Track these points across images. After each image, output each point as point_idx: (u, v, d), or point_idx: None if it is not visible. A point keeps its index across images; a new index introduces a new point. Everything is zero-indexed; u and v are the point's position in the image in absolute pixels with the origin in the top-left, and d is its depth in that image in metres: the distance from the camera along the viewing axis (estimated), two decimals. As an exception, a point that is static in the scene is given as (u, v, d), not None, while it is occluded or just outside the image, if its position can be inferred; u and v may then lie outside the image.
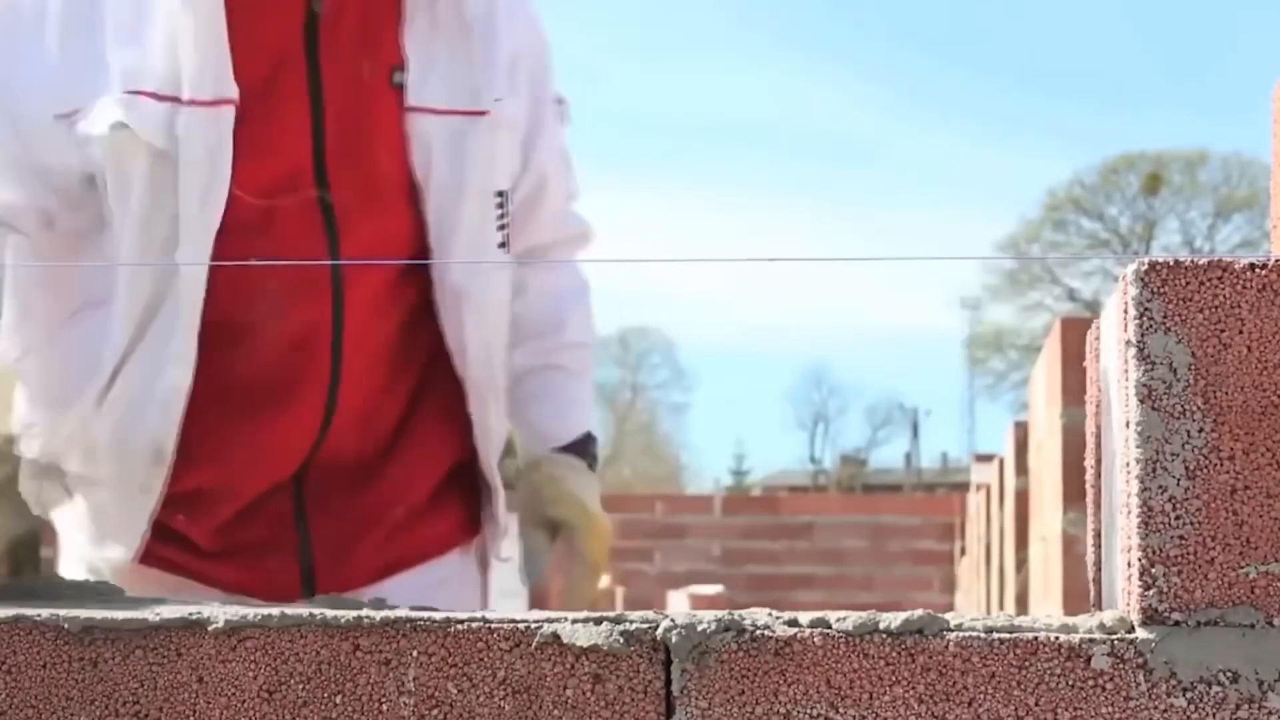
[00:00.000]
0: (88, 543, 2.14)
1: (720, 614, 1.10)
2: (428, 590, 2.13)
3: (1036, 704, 1.07)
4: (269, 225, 2.05)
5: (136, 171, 2.01)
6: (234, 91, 2.01)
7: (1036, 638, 1.07)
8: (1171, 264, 1.07)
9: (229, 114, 2.01)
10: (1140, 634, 1.06)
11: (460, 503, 2.27)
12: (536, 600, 2.48)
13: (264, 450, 2.12)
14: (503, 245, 2.17)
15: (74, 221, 2.09)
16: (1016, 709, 1.07)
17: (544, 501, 2.28)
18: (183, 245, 2.01)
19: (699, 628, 1.08)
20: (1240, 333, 1.06)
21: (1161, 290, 1.06)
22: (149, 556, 2.13)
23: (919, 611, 1.09)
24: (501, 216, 2.16)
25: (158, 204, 2.01)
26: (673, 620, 1.09)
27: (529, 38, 2.24)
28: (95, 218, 2.07)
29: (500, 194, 2.16)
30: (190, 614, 1.12)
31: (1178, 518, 1.06)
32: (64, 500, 2.17)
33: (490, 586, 2.36)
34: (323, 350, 2.10)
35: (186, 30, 2.00)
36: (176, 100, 2.00)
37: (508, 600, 2.11)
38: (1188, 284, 1.06)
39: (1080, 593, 3.34)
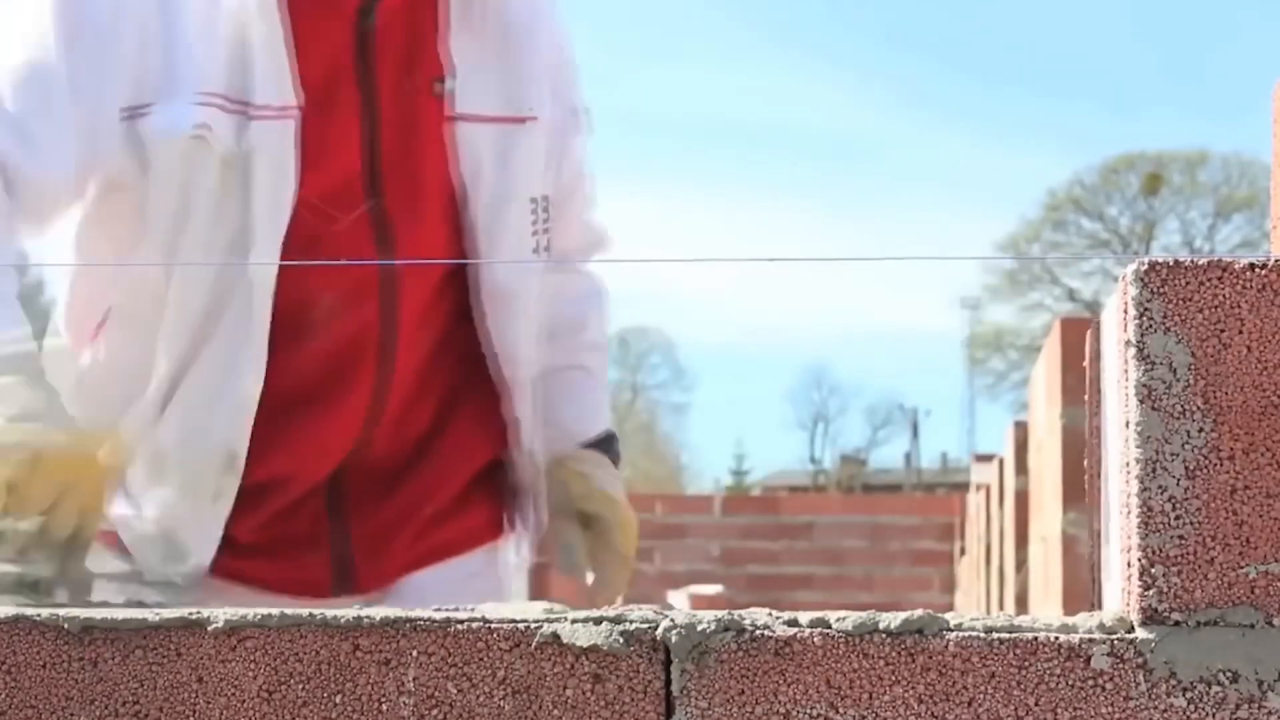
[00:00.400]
0: (160, 557, 2.12)
1: (720, 614, 1.10)
2: (457, 584, 2.17)
3: (1036, 704, 1.07)
4: (325, 234, 2.09)
5: (205, 179, 2.04)
6: (298, 99, 2.05)
7: (1036, 638, 1.07)
8: (1171, 264, 1.07)
9: (293, 123, 2.05)
10: (1140, 634, 1.06)
11: (490, 501, 2.32)
12: (568, 590, 2.50)
13: (311, 448, 2.16)
14: (539, 250, 2.23)
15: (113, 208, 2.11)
16: (1016, 709, 1.07)
17: (574, 497, 2.32)
18: (254, 254, 2.04)
19: (699, 628, 1.08)
20: (1240, 333, 1.06)
21: (1161, 290, 1.06)
22: None
23: (919, 611, 1.09)
24: (542, 221, 2.22)
25: (223, 212, 2.04)
26: (673, 620, 1.09)
27: (561, 47, 2.30)
28: (128, 214, 2.09)
29: (540, 199, 2.22)
30: (190, 614, 1.12)
31: (1178, 518, 1.06)
32: (125, 514, 2.15)
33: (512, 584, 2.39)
34: (371, 355, 2.14)
35: (254, 36, 2.03)
36: (244, 108, 2.03)
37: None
38: (1188, 284, 1.06)
39: (1080, 593, 3.34)
